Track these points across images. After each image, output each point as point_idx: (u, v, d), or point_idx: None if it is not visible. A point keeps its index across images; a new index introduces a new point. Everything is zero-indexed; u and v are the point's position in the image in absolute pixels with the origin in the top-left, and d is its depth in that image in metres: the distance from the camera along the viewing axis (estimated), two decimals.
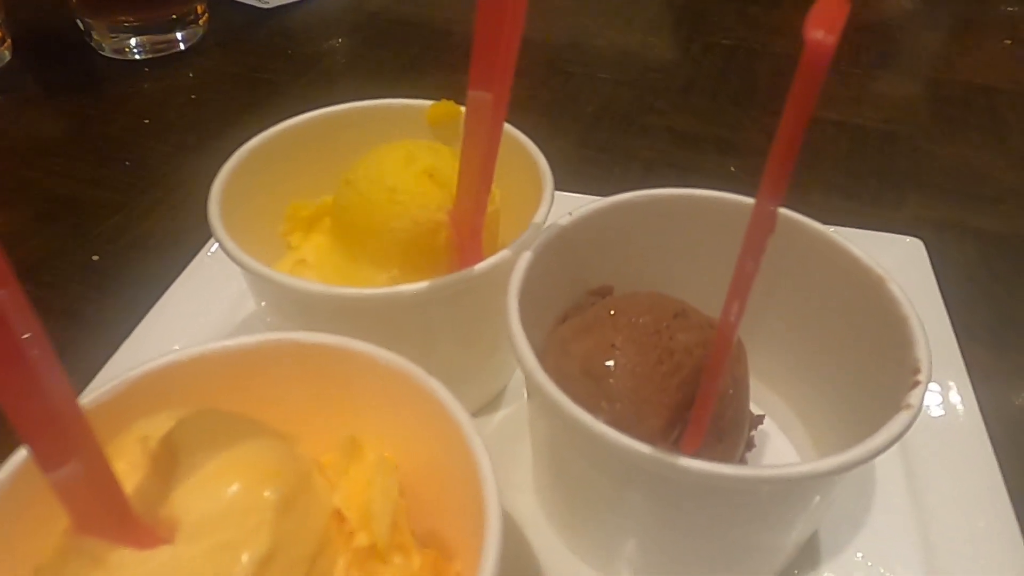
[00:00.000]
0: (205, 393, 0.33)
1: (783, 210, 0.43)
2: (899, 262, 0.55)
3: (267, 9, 1.01)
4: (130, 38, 0.89)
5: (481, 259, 0.41)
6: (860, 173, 0.76)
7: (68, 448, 0.23)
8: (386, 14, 1.04)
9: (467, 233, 0.42)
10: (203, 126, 0.82)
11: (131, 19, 0.88)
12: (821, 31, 0.21)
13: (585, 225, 0.44)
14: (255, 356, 0.35)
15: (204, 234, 0.60)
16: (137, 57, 0.90)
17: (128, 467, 0.26)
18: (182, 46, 0.92)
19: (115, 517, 0.25)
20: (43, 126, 0.82)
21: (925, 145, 0.80)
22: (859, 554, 0.43)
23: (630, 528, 0.40)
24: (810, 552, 0.43)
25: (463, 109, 0.51)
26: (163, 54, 0.91)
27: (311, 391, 0.35)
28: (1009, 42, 1.00)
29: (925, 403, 0.36)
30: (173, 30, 0.90)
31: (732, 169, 0.75)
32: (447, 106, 0.51)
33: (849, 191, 0.73)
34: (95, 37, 0.90)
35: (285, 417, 0.33)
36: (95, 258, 0.64)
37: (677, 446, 0.38)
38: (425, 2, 1.06)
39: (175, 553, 0.25)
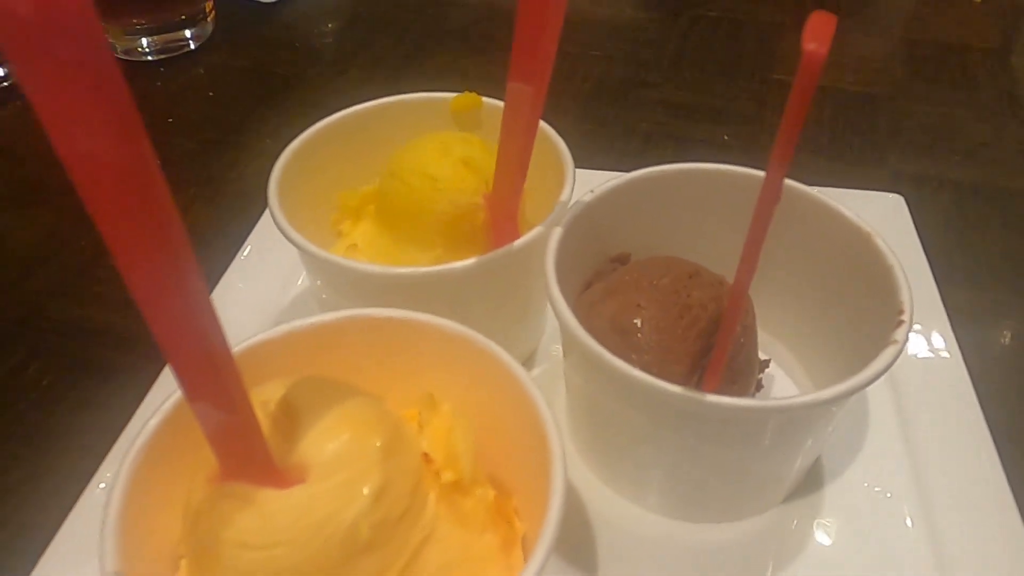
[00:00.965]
0: (297, 364, 0.38)
1: None
2: (882, 217, 0.60)
3: (268, 3, 1.04)
4: (141, 39, 0.92)
5: (517, 237, 0.45)
6: (843, 135, 0.81)
7: (218, 384, 0.27)
8: (383, 1, 1.07)
9: (503, 215, 0.47)
10: (222, 121, 0.85)
11: (143, 21, 0.91)
12: (815, 43, 0.26)
13: (606, 200, 0.49)
14: (335, 331, 0.40)
15: (242, 225, 0.65)
16: (149, 58, 0.93)
17: None
18: (192, 44, 0.95)
19: (259, 461, 0.30)
20: None
21: (902, 104, 0.85)
22: (856, 475, 0.49)
23: (658, 459, 0.45)
24: (815, 475, 0.49)
25: (483, 100, 0.56)
26: (174, 54, 0.94)
27: (385, 358, 0.40)
28: (979, 0, 1.05)
29: (911, 342, 0.41)
30: (183, 29, 0.94)
31: (725, 138, 0.80)
32: (469, 97, 0.56)
33: (833, 153, 0.78)
34: (108, 39, 0.93)
35: (365, 381, 0.38)
36: None
37: (698, 388, 0.44)
38: None
39: (309, 490, 0.31)
